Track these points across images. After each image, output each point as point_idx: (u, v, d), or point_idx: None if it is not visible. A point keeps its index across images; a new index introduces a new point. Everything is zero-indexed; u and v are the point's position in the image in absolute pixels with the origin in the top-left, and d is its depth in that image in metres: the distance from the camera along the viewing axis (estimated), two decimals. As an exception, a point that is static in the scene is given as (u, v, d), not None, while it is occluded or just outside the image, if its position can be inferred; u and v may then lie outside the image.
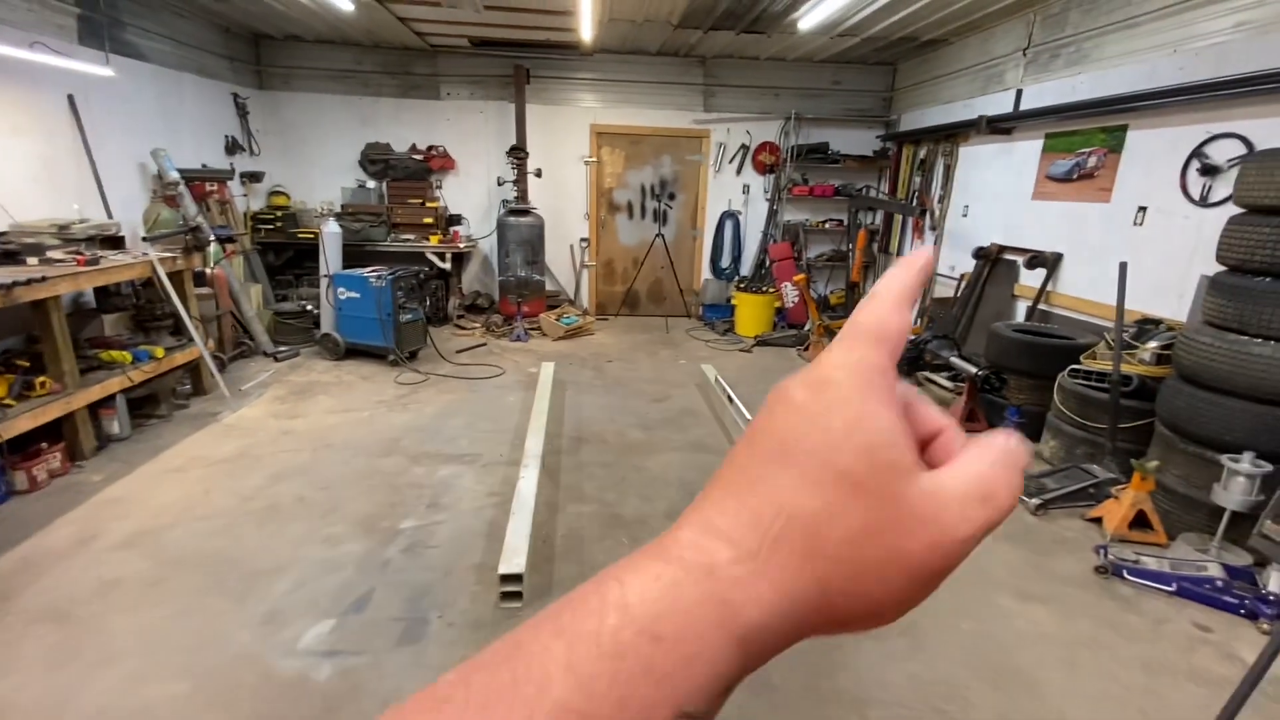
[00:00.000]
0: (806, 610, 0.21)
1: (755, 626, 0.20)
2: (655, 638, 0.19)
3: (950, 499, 0.22)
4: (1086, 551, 3.00)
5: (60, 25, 4.31)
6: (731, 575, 0.21)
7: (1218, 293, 2.98)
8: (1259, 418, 2.78)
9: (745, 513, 0.22)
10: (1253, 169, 2.89)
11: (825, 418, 0.23)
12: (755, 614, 0.20)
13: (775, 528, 0.21)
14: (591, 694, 0.18)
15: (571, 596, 0.21)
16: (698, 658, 0.19)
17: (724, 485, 0.23)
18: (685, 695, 0.19)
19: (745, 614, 0.20)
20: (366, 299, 5.32)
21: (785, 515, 0.21)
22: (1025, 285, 5.08)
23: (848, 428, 0.22)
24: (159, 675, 2.12)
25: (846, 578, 0.21)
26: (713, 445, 4.12)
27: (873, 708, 2.09)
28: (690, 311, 7.97)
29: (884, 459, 0.22)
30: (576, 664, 0.19)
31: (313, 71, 6.98)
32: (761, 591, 0.21)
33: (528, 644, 0.20)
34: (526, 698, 0.18)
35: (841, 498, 0.21)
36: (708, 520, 0.22)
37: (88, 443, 3.58)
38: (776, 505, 0.22)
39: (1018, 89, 5.15)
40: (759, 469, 0.23)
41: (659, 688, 0.19)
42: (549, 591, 2.61)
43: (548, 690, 0.18)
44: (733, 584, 0.21)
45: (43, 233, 3.83)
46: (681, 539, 0.22)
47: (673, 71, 7.23)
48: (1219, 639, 2.45)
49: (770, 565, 0.21)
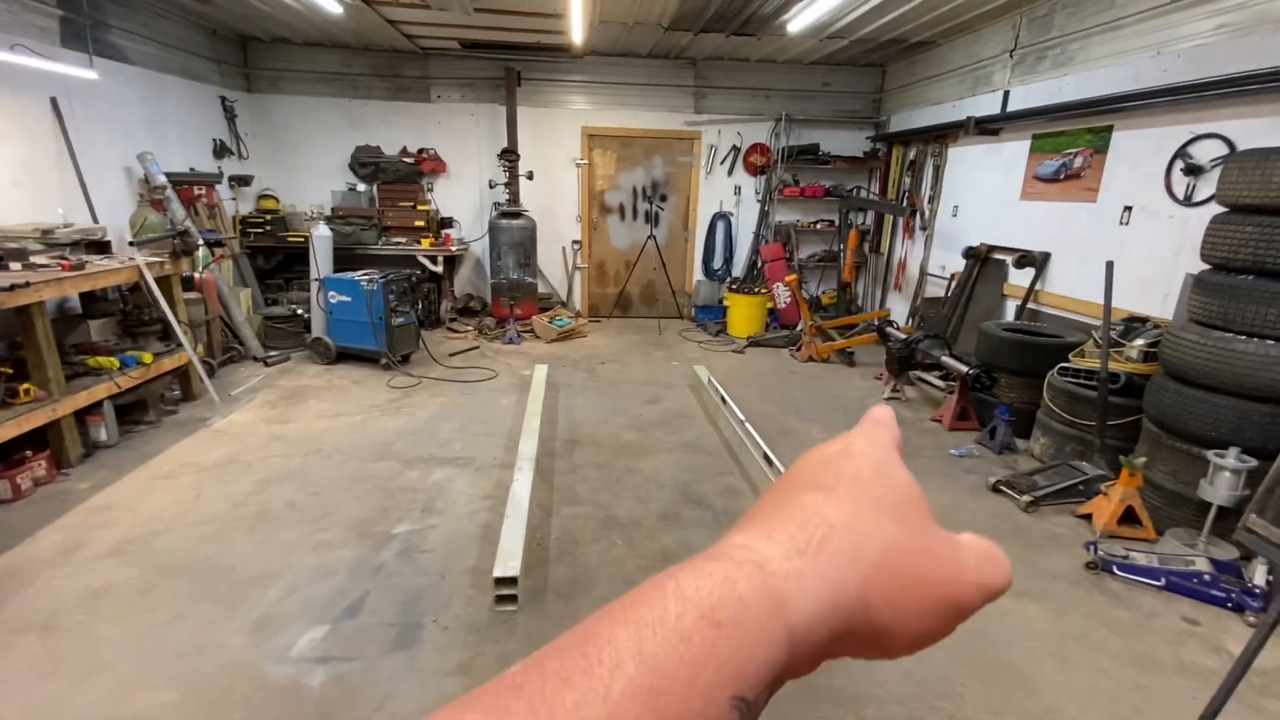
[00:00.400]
0: (851, 612, 0.23)
1: (804, 618, 0.22)
2: (716, 624, 0.20)
3: (967, 549, 0.26)
4: (1077, 548, 3.03)
5: (42, 27, 4.26)
6: (783, 569, 0.22)
7: (1202, 291, 3.02)
8: (1244, 413, 2.82)
9: (792, 523, 0.24)
10: (1235, 169, 2.93)
11: (855, 465, 0.27)
12: (805, 606, 0.22)
13: (820, 533, 0.24)
14: (662, 673, 0.19)
15: (630, 595, 0.22)
16: (755, 645, 0.21)
17: (766, 509, 0.26)
18: (742, 680, 0.20)
19: (795, 605, 0.22)
20: (358, 302, 5.29)
21: (829, 525, 0.24)
22: (1014, 285, 5.13)
23: (877, 471, 0.27)
24: (149, 684, 2.10)
25: (886, 586, 0.23)
26: (706, 446, 4.13)
27: (868, 706, 2.10)
28: (682, 313, 7.99)
29: (910, 495, 0.26)
30: (645, 647, 0.20)
31: (301, 74, 6.94)
32: (810, 585, 0.22)
33: (595, 633, 0.20)
34: (601, 677, 0.19)
35: (878, 517, 0.25)
36: (755, 530, 0.24)
37: (74, 450, 3.54)
38: (821, 516, 0.24)
39: (1005, 90, 5.21)
40: (799, 496, 0.26)
41: (721, 671, 0.20)
42: (543, 594, 2.61)
43: (621, 670, 0.19)
44: (784, 577, 0.22)
45: (25, 237, 3.78)
46: (732, 543, 0.24)
47: (664, 74, 7.25)
48: (1207, 632, 2.49)
49: (818, 562, 0.23)
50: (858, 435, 0.29)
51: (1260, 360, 2.76)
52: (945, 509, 3.38)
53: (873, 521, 0.25)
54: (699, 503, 3.39)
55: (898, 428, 0.31)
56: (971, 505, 3.43)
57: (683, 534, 3.09)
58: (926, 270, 6.43)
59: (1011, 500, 3.44)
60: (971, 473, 3.82)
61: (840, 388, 5.46)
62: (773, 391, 5.27)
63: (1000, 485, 3.53)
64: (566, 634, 0.21)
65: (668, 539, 3.04)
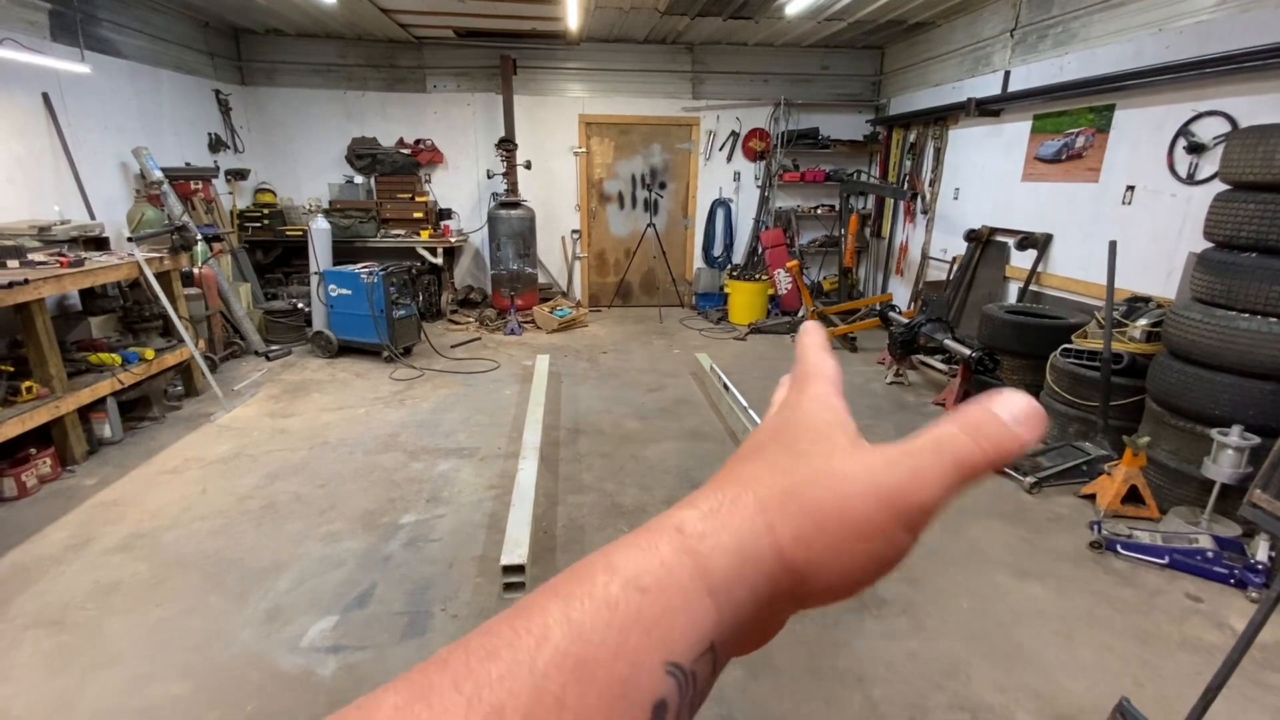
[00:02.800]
0: (765, 561, 0.23)
1: (721, 574, 0.22)
2: (641, 589, 0.21)
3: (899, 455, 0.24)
4: (1081, 528, 3.04)
5: (31, 21, 4.21)
6: (697, 530, 0.23)
7: (1205, 269, 3.01)
8: (1247, 391, 2.82)
9: (710, 490, 0.25)
10: (1237, 146, 2.91)
11: (775, 422, 0.28)
12: (720, 561, 0.22)
13: (732, 492, 0.24)
14: (588, 641, 0.19)
15: (564, 573, 0.22)
16: (680, 609, 0.21)
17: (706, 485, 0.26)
18: (671, 645, 0.20)
19: (712, 562, 0.22)
20: (358, 295, 5.28)
21: (741, 482, 0.24)
22: (1016, 267, 5.11)
23: (802, 421, 0.27)
24: (161, 676, 2.11)
25: (792, 524, 0.23)
26: (709, 433, 4.13)
27: (875, 685, 2.12)
28: (683, 301, 7.97)
29: (818, 425, 0.26)
30: (573, 616, 0.20)
31: (296, 66, 6.87)
32: (723, 540, 0.22)
33: (526, 608, 0.21)
34: (527, 648, 0.19)
35: (789, 460, 0.25)
36: (682, 503, 0.25)
37: (79, 447, 3.55)
38: (734, 475, 0.25)
39: (1006, 70, 5.16)
40: (732, 465, 0.26)
41: (648, 635, 0.20)
42: (551, 582, 2.62)
43: (547, 639, 0.19)
44: (699, 538, 0.22)
45: (22, 235, 3.77)
46: (660, 516, 0.24)
47: (661, 59, 7.18)
48: (1210, 608, 2.50)
49: (729, 517, 0.23)
50: (793, 392, 0.29)
51: (1263, 338, 2.76)
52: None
53: (784, 463, 0.24)
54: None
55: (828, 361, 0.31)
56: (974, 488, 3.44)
57: (688, 520, 3.10)
58: (928, 254, 6.41)
59: (1015, 482, 3.45)
60: (974, 455, 3.82)
61: (843, 373, 5.44)
62: (775, 378, 5.19)
63: (1003, 467, 3.54)
64: (498, 614, 0.21)
65: (673, 525, 3.05)
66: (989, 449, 0.23)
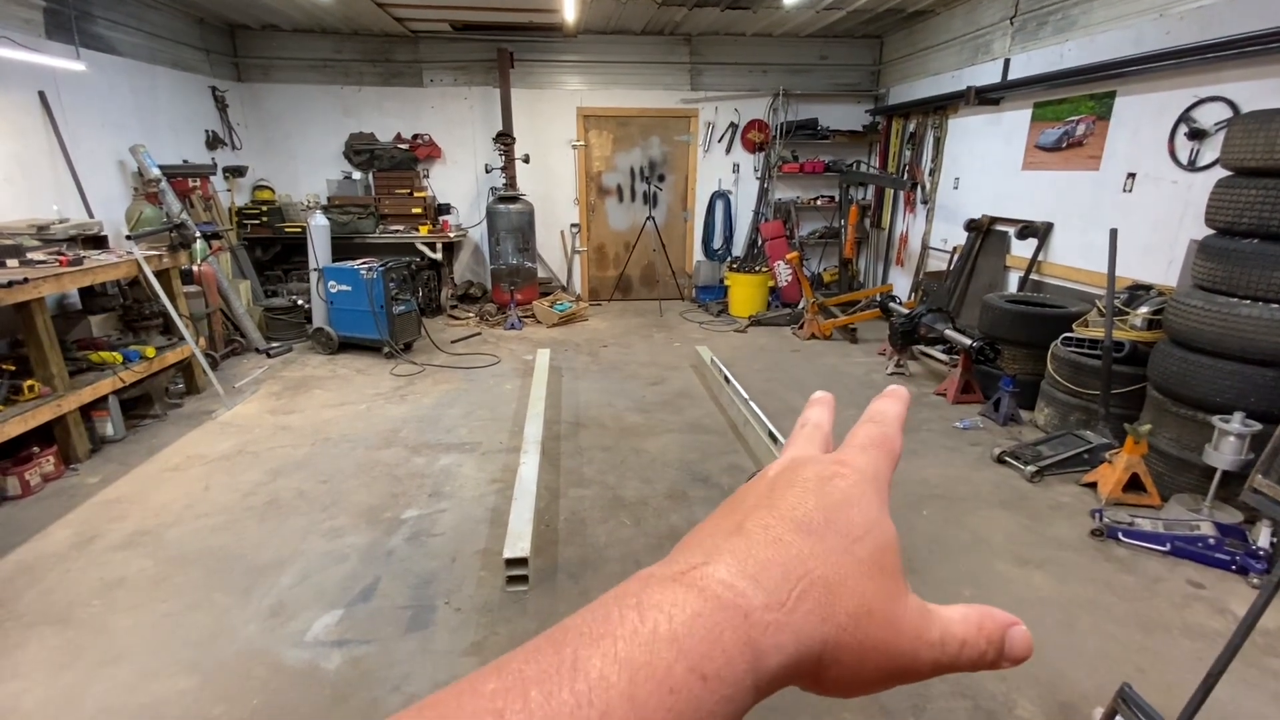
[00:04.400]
0: (807, 667, 0.23)
1: (770, 672, 0.21)
2: (703, 677, 0.20)
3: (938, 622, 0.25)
4: (1082, 516, 3.04)
5: (26, 19, 4.19)
6: (763, 621, 0.22)
7: (1206, 256, 3.00)
8: (1248, 378, 2.82)
9: (776, 568, 0.23)
10: (1239, 131, 2.90)
11: (846, 510, 0.26)
12: (775, 661, 0.22)
13: (801, 586, 0.23)
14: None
15: (610, 613, 0.21)
16: (731, 700, 0.20)
17: (745, 537, 0.24)
18: None
19: (767, 660, 0.21)
20: (358, 292, 5.27)
21: (810, 577, 0.23)
22: (1017, 256, 5.10)
23: (867, 525, 0.25)
24: (166, 671, 2.13)
25: (845, 650, 0.23)
26: (710, 426, 4.14)
27: (877, 674, 2.13)
28: (683, 294, 7.96)
29: (892, 563, 0.25)
30: (637, 695, 0.19)
31: (292, 62, 6.84)
32: (784, 641, 0.22)
33: (584, 665, 0.20)
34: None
35: (857, 577, 0.24)
36: (737, 563, 0.23)
37: (81, 445, 3.55)
38: (805, 568, 0.24)
39: (1005, 58, 5.12)
40: (782, 532, 0.25)
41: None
42: (554, 574, 2.63)
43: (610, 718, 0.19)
44: (763, 630, 0.22)
45: (21, 234, 3.76)
46: (714, 575, 0.23)
47: (658, 51, 7.14)
48: (1211, 595, 2.51)
49: (794, 617, 0.22)
50: (856, 451, 0.28)
51: (1264, 324, 2.75)
52: (950, 482, 3.40)
53: (851, 580, 0.24)
54: (705, 481, 3.41)
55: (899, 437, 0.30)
56: (976, 477, 3.45)
57: (689, 512, 3.11)
58: (928, 244, 6.39)
59: (1016, 471, 3.45)
60: (976, 445, 3.83)
61: (844, 364, 5.45)
62: (776, 370, 5.27)
63: (1005, 456, 3.54)
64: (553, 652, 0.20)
65: (675, 517, 3.06)
66: (978, 662, 0.26)
